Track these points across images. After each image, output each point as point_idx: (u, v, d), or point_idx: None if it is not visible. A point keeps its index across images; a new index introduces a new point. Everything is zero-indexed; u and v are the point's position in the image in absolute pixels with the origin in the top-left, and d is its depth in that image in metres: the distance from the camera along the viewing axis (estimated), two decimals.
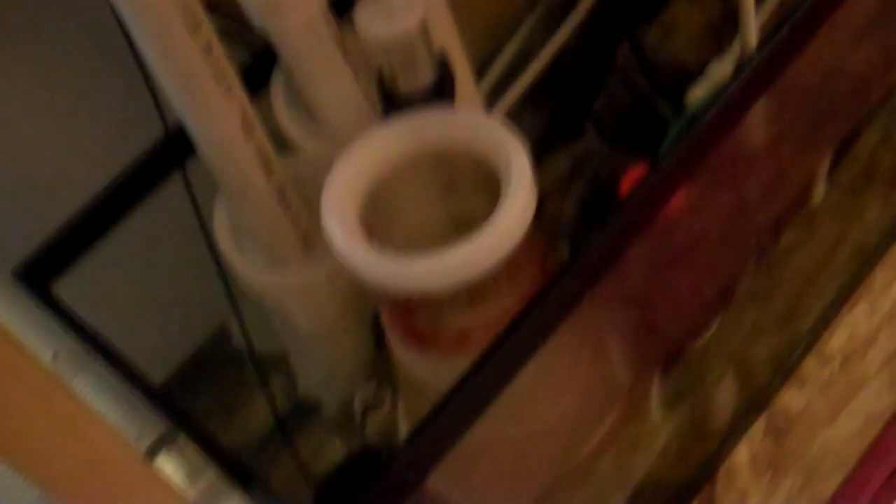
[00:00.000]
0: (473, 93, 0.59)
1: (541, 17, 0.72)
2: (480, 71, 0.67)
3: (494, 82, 0.69)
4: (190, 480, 0.68)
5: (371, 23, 0.51)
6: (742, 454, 0.70)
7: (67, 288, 0.51)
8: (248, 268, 0.55)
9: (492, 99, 0.67)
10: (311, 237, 0.55)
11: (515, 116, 0.67)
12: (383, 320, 0.54)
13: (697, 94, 0.69)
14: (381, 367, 0.61)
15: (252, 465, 0.50)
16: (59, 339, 0.60)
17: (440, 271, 0.44)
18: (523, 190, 0.45)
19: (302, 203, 0.54)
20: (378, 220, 0.50)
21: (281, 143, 0.55)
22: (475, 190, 0.56)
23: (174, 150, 0.53)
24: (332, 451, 0.63)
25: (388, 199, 0.52)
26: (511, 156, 0.46)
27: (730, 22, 0.68)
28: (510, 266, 0.47)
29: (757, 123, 0.58)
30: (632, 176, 0.56)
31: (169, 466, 0.70)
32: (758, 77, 0.53)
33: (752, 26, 0.64)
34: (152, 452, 0.69)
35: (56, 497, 0.38)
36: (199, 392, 0.63)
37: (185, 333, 0.62)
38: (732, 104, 0.50)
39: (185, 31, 0.45)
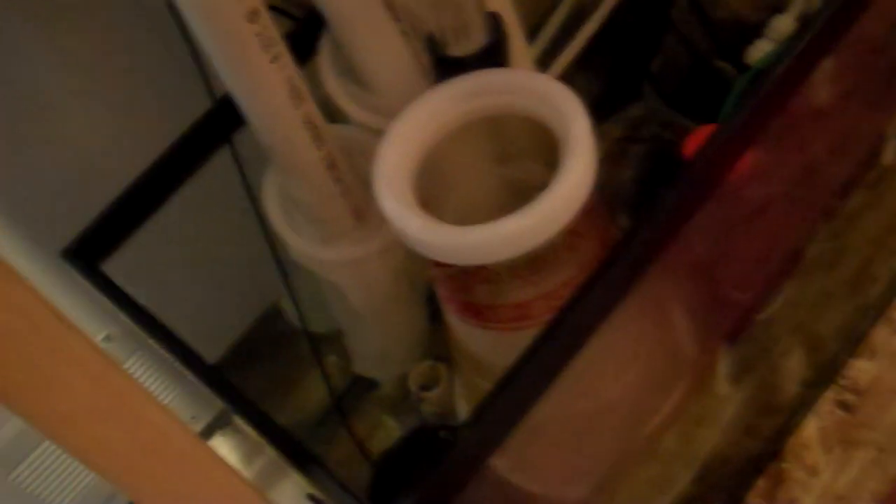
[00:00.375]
0: (526, 56, 0.57)
1: None
2: (532, 32, 0.65)
3: (547, 44, 0.67)
4: (246, 461, 0.68)
5: None
6: (811, 428, 0.67)
7: (118, 267, 0.50)
8: (299, 243, 0.53)
9: (544, 61, 0.65)
10: (362, 209, 0.53)
11: (569, 78, 0.65)
12: (439, 294, 0.52)
13: (759, 51, 0.66)
14: (435, 343, 0.60)
15: (308, 445, 0.49)
16: (112, 321, 0.60)
17: (500, 241, 0.42)
18: (584, 155, 0.43)
19: (353, 174, 0.53)
20: (431, 189, 0.48)
21: (329, 112, 0.54)
22: (530, 155, 0.54)
23: (221, 124, 0.52)
24: (387, 429, 0.62)
25: (442, 167, 0.50)
26: (571, 119, 0.44)
27: None
28: (570, 235, 0.45)
29: (824, 80, 0.55)
30: (696, 137, 0.53)
31: (225, 447, 0.69)
32: (825, 32, 0.50)
33: None
34: (207, 433, 0.69)
35: (111, 479, 0.37)
36: (252, 371, 0.62)
37: (238, 312, 0.61)
38: (800, 61, 0.48)
39: None
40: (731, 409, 0.61)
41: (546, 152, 0.48)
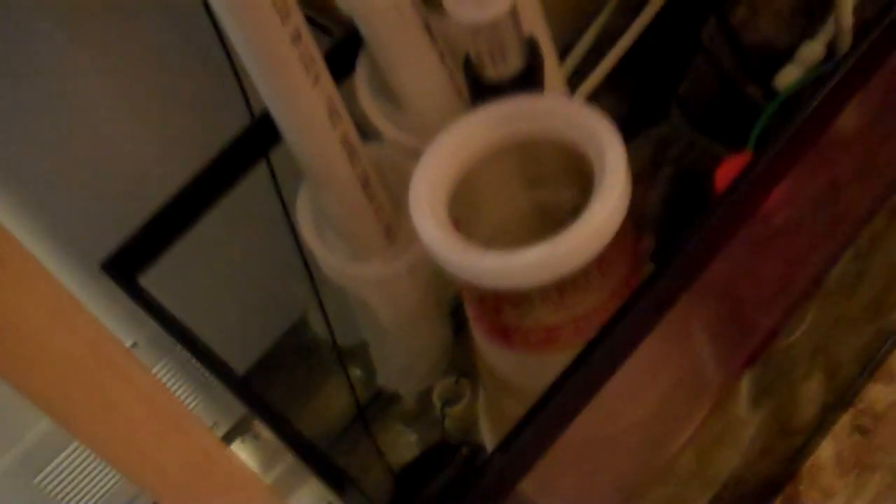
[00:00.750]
0: (560, 80, 0.58)
1: None
2: (562, 52, 0.65)
3: (577, 63, 0.68)
4: (264, 468, 0.68)
5: (460, 8, 0.49)
6: (827, 451, 0.68)
7: (151, 278, 0.50)
8: (330, 258, 0.54)
9: (573, 81, 0.66)
10: (393, 227, 0.54)
11: (597, 98, 0.66)
12: (469, 314, 0.52)
13: (788, 77, 0.67)
14: (459, 357, 0.60)
15: (329, 454, 0.49)
16: (138, 330, 0.60)
17: (533, 267, 0.43)
18: (618, 185, 0.43)
19: (385, 192, 0.53)
20: (463, 209, 0.48)
21: (362, 128, 0.54)
22: (561, 178, 0.54)
23: (259, 140, 0.53)
24: (408, 443, 0.62)
25: (474, 188, 0.50)
26: (606, 147, 0.44)
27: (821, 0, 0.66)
28: (601, 260, 0.46)
29: (855, 111, 0.56)
30: (727, 168, 0.54)
31: (244, 454, 0.70)
32: (859, 68, 0.51)
33: (848, 4, 0.62)
34: (228, 440, 0.69)
35: (146, 486, 0.37)
36: (276, 382, 0.62)
37: (266, 324, 0.62)
38: (834, 95, 0.48)
39: (276, 18, 0.44)
40: (750, 430, 0.62)
41: (577, 176, 0.49)
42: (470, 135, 0.47)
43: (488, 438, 0.58)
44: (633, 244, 0.51)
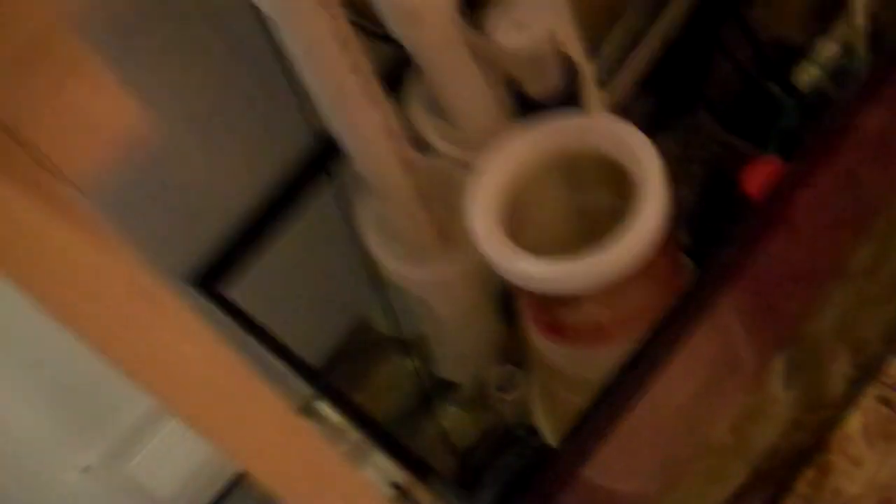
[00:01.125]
0: (597, 96, 0.62)
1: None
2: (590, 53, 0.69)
3: (604, 66, 0.71)
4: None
5: (501, 32, 0.54)
6: (855, 423, 0.72)
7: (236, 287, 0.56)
8: (391, 262, 0.59)
9: (602, 82, 0.69)
10: (447, 232, 0.59)
11: (626, 97, 0.69)
12: (522, 313, 0.57)
13: (805, 74, 0.70)
14: (511, 348, 0.65)
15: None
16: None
17: (583, 274, 0.47)
18: (660, 201, 0.48)
19: (439, 200, 0.58)
20: (513, 214, 0.53)
21: (416, 140, 0.59)
22: (601, 185, 0.59)
23: (321, 156, 0.57)
24: (466, 427, 0.67)
25: (522, 196, 0.55)
26: (644, 161, 0.49)
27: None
28: (645, 265, 0.50)
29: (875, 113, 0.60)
30: (755, 171, 0.58)
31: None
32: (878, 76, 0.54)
33: (860, 4, 0.65)
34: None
35: (237, 458, 0.42)
36: (338, 375, 0.67)
37: (333, 322, 0.67)
38: (856, 106, 0.52)
39: (336, 49, 0.48)
40: (783, 407, 0.67)
41: (615, 183, 0.54)
42: (519, 151, 0.52)
43: (543, 423, 0.63)
44: (673, 248, 0.56)
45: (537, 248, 0.51)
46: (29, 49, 0.50)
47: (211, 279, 0.55)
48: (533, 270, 0.47)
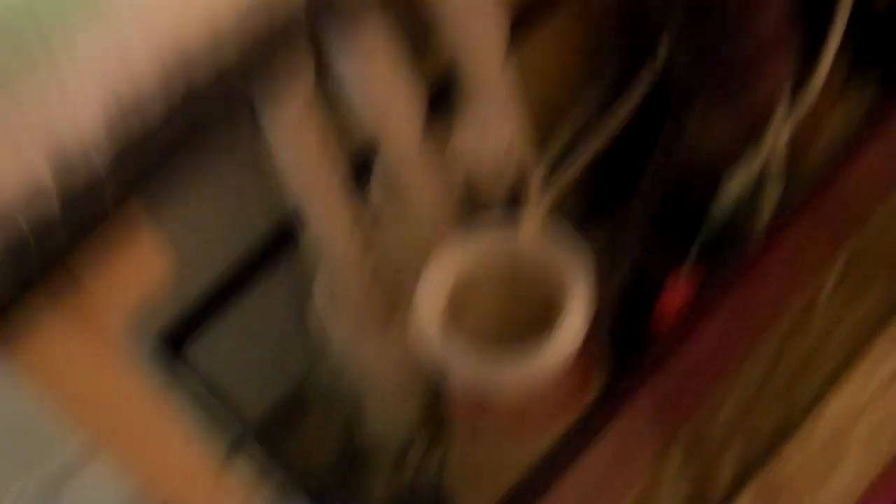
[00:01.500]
0: (536, 195, 0.69)
1: (597, 97, 0.79)
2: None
3: (553, 154, 0.76)
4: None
5: (467, 140, 0.61)
6: None
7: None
8: (337, 332, 0.65)
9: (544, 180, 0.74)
10: (392, 313, 0.65)
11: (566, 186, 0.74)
12: (448, 392, 0.64)
13: (730, 191, 0.76)
14: (434, 420, 0.71)
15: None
16: None
17: (509, 377, 0.55)
18: (580, 314, 0.55)
19: (389, 281, 0.64)
20: (456, 302, 0.60)
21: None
22: (536, 283, 0.65)
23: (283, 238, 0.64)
24: (383, 490, 0.73)
25: (465, 291, 0.62)
26: (574, 281, 0.56)
27: (762, 121, 0.75)
28: (563, 368, 0.57)
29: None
30: (672, 295, 0.65)
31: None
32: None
33: (783, 129, 0.73)
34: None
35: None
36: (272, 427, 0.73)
37: (278, 376, 0.73)
38: (770, 244, 0.60)
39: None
40: (672, 496, 0.74)
41: (548, 284, 0.60)
42: (462, 261, 0.59)
43: (460, 490, 0.70)
44: (584, 364, 0.62)
45: (477, 330, 0.59)
46: None
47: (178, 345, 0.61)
48: (460, 369, 0.54)
